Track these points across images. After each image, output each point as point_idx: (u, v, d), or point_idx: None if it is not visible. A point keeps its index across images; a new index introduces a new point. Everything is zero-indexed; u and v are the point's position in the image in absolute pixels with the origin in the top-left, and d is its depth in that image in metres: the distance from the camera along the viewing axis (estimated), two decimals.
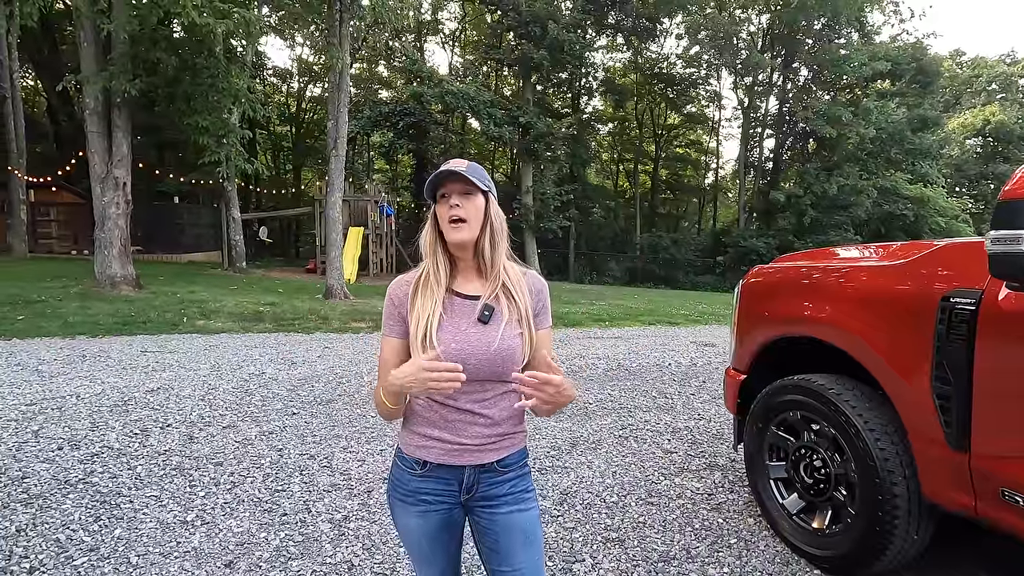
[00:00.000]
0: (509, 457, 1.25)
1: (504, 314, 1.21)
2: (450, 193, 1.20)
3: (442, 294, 1.21)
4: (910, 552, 1.98)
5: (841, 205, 22.66)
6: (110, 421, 3.62)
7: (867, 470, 1.99)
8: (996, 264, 1.32)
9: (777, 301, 2.54)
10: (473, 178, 1.18)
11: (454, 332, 1.19)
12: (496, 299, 1.22)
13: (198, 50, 8.15)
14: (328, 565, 2.17)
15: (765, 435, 2.52)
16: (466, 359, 1.15)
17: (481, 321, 1.20)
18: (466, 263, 1.26)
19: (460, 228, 1.18)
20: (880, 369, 1.97)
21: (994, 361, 1.61)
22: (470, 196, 1.20)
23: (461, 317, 1.21)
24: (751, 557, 2.31)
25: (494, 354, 1.18)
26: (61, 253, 17.29)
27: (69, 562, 2.13)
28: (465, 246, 1.21)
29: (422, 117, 21.19)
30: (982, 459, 1.65)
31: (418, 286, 1.23)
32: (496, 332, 1.19)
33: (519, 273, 1.28)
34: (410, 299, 1.23)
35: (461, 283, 1.26)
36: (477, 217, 1.20)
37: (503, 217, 1.27)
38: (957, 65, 36.99)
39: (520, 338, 1.21)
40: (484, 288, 1.24)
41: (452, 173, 1.18)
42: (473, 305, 1.22)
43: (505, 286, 1.23)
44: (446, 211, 1.19)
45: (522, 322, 1.23)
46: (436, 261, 1.23)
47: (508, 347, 1.19)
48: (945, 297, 1.73)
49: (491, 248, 1.23)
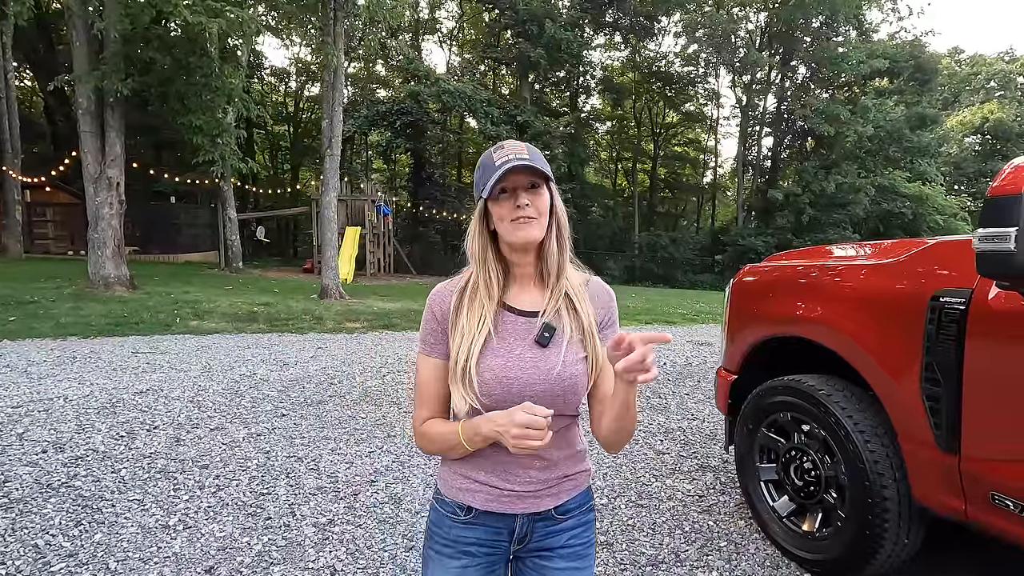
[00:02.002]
0: (570, 501, 1.06)
1: (566, 333, 1.02)
2: (516, 188, 0.98)
3: (493, 309, 1.01)
4: (901, 556, 1.95)
5: (839, 203, 22.65)
6: (97, 423, 3.58)
7: (857, 472, 1.96)
8: (983, 262, 1.29)
9: (767, 300, 2.50)
10: (542, 167, 0.98)
11: (506, 357, 0.99)
12: (557, 314, 1.02)
13: (191, 49, 8.11)
14: (311, 570, 2.14)
15: (756, 436, 2.48)
16: (521, 390, 0.97)
17: (539, 344, 1.00)
18: (524, 270, 1.05)
19: (530, 225, 0.98)
20: (869, 369, 1.93)
21: (984, 362, 1.57)
22: (537, 189, 1.00)
23: (515, 338, 1.01)
24: (740, 560, 2.28)
25: (554, 384, 0.99)
26: (57, 253, 17.25)
27: (47, 568, 2.09)
28: (531, 247, 1.02)
29: (419, 116, 21.14)
30: (972, 462, 1.61)
31: (463, 298, 1.03)
32: (557, 357, 1.00)
33: (582, 281, 1.08)
34: (454, 312, 1.03)
35: (516, 295, 1.06)
36: (544, 214, 1.00)
37: (566, 212, 1.07)
38: (956, 63, 36.96)
39: (584, 362, 1.02)
40: (543, 300, 1.04)
41: (519, 164, 0.96)
42: (530, 323, 1.02)
43: (568, 298, 1.04)
44: (510, 210, 0.98)
45: (586, 342, 1.03)
46: (488, 269, 1.03)
47: (571, 375, 1.00)
48: (935, 296, 1.69)
49: (558, 250, 1.03)
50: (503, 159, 0.97)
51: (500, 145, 1.01)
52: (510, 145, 1.00)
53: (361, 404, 4.23)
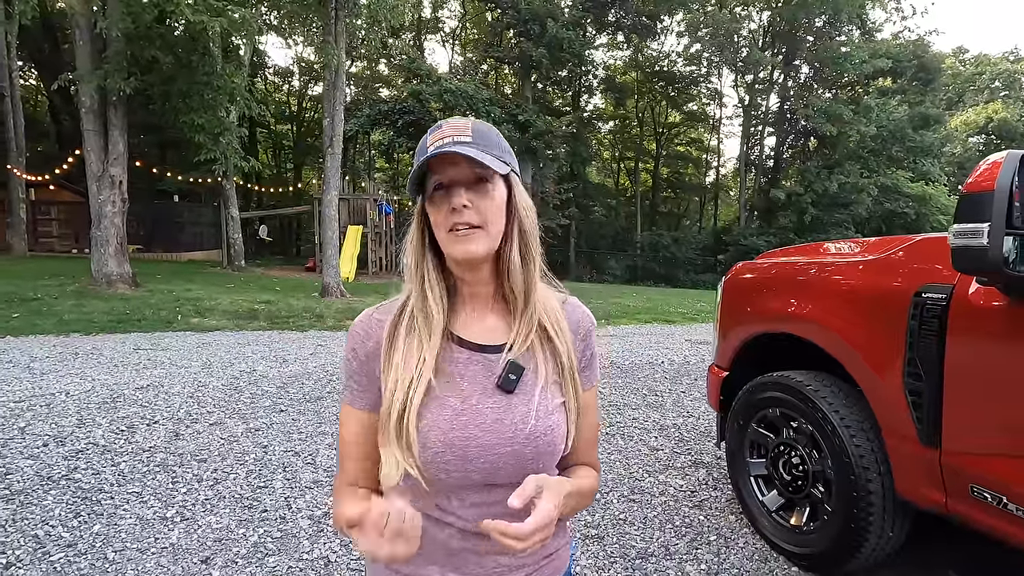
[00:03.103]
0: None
1: (540, 373, 0.77)
2: (451, 183, 0.73)
3: (437, 342, 0.75)
4: (885, 549, 1.97)
5: (842, 203, 22.62)
6: (97, 418, 3.62)
7: (843, 467, 1.98)
8: (958, 257, 1.31)
9: (757, 297, 2.53)
10: (487, 155, 0.72)
11: (457, 409, 0.73)
12: (529, 350, 0.77)
13: (193, 48, 8.17)
14: (305, 561, 2.17)
15: (746, 432, 2.50)
16: (480, 454, 0.72)
17: (503, 389, 0.75)
18: (475, 289, 0.79)
19: (471, 237, 0.72)
20: (854, 365, 1.96)
21: (964, 356, 1.60)
22: (484, 185, 0.73)
23: (468, 382, 0.75)
24: (729, 554, 2.30)
25: (524, 443, 0.73)
26: (62, 252, 17.35)
27: (46, 558, 2.13)
28: (477, 263, 0.76)
29: (421, 115, 21.18)
30: (952, 455, 1.63)
31: (397, 328, 0.77)
32: (528, 406, 0.75)
33: (557, 303, 0.83)
34: (384, 349, 0.77)
35: (467, 322, 0.79)
36: (498, 217, 0.74)
37: (534, 210, 0.81)
38: (960, 62, 36.85)
39: (562, 410, 0.78)
40: (506, 329, 0.79)
41: (453, 150, 0.71)
42: (488, 361, 0.77)
43: (542, 327, 0.79)
44: (445, 213, 0.73)
45: (564, 384, 0.79)
46: (426, 288, 0.77)
47: (547, 429, 0.75)
48: (917, 292, 1.71)
49: (522, 264, 0.77)
50: (437, 143, 0.72)
51: (439, 124, 0.75)
52: (450, 124, 0.75)
53: None
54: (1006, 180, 1.22)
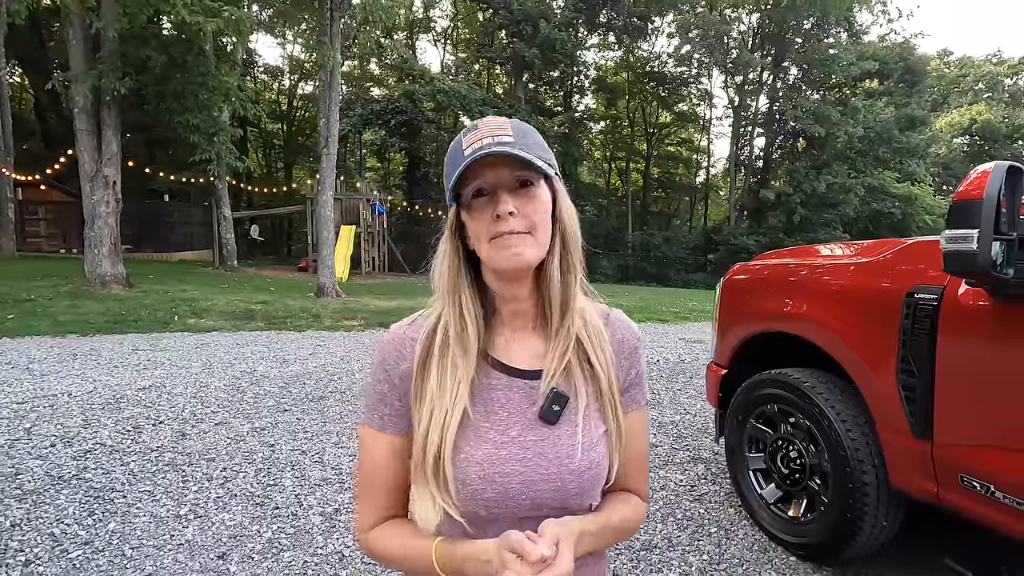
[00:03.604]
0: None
1: (580, 400, 0.71)
2: (494, 188, 0.67)
3: (472, 367, 0.70)
4: (879, 538, 2.06)
5: (830, 203, 22.92)
6: (102, 418, 3.65)
7: (839, 460, 2.07)
8: (949, 261, 1.41)
9: (755, 298, 2.62)
10: (530, 155, 0.66)
11: (495, 443, 0.69)
12: (566, 373, 0.72)
13: (188, 48, 8.15)
14: (320, 556, 2.23)
15: (745, 428, 2.59)
16: (521, 490, 0.68)
17: (546, 420, 0.70)
18: (516, 306, 0.73)
19: (520, 247, 0.66)
20: (850, 362, 2.05)
21: (954, 354, 1.69)
22: (529, 189, 0.68)
23: (508, 412, 0.71)
24: (730, 545, 2.39)
25: (569, 479, 0.69)
26: (50, 252, 17.16)
27: (64, 555, 2.17)
28: (524, 276, 0.70)
29: (414, 115, 21.21)
30: (944, 447, 1.73)
31: (430, 350, 0.72)
32: (572, 439, 0.70)
33: (599, 320, 0.77)
34: (416, 374, 0.72)
35: (506, 345, 0.74)
36: (545, 222, 0.69)
37: (577, 218, 0.75)
38: (945, 64, 37.43)
39: (606, 440, 0.73)
40: (545, 351, 0.73)
41: (497, 150, 0.65)
42: (529, 388, 0.72)
43: (581, 345, 0.73)
44: (488, 222, 0.67)
45: (606, 411, 0.73)
46: (462, 307, 0.71)
47: (592, 463, 0.70)
48: (910, 293, 1.80)
49: (563, 275, 0.71)
50: (475, 145, 0.66)
51: (474, 125, 0.69)
52: (487, 124, 0.68)
53: (361, 399, 4.32)
54: (994, 189, 1.31)
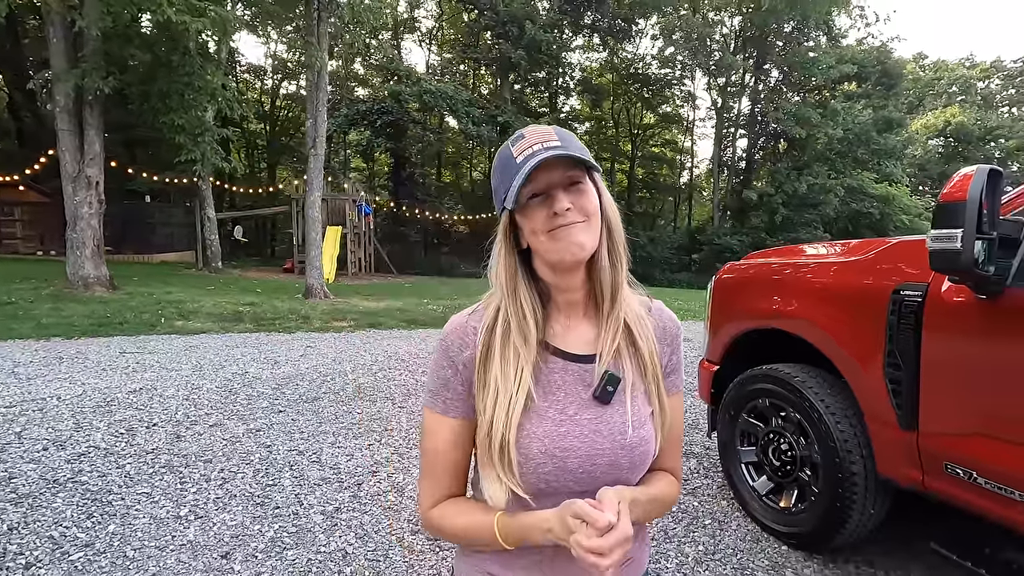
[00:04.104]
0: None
1: (628, 381, 0.79)
2: (550, 189, 0.74)
3: (532, 355, 0.77)
4: (868, 526, 2.15)
5: (811, 203, 23.33)
6: (94, 421, 3.62)
7: (828, 451, 2.15)
8: (935, 259, 1.49)
9: (746, 296, 2.70)
10: (579, 153, 0.74)
11: (558, 421, 0.76)
12: (616, 356, 0.79)
13: (173, 47, 8.05)
14: (323, 554, 2.25)
15: (737, 422, 2.67)
16: (579, 464, 0.75)
17: (600, 400, 0.77)
18: (571, 296, 0.80)
19: (578, 237, 0.73)
20: (840, 357, 2.13)
21: (938, 348, 1.77)
22: (580, 187, 0.75)
23: (565, 393, 0.78)
24: (724, 536, 2.46)
25: (621, 454, 0.76)
26: (27, 253, 16.81)
27: (65, 557, 2.17)
28: (579, 267, 0.77)
29: (400, 116, 21.13)
30: (928, 437, 1.81)
31: (492, 339, 0.78)
32: (624, 417, 0.77)
33: (643, 310, 0.84)
34: (480, 362, 0.78)
35: (563, 333, 0.81)
36: (596, 214, 0.76)
37: (618, 210, 0.82)
38: (920, 68, 38.32)
39: (652, 420, 0.80)
40: (597, 336, 0.80)
41: (551, 155, 0.72)
42: (584, 371, 0.79)
43: (628, 330, 0.80)
44: (545, 219, 0.74)
45: (651, 392, 0.81)
46: (521, 300, 0.77)
47: (641, 439, 0.78)
48: (896, 290, 1.89)
49: (611, 265, 0.79)
50: (526, 152, 0.73)
51: (519, 134, 0.76)
52: (533, 132, 0.75)
53: (356, 400, 4.33)
54: (976, 191, 1.39)
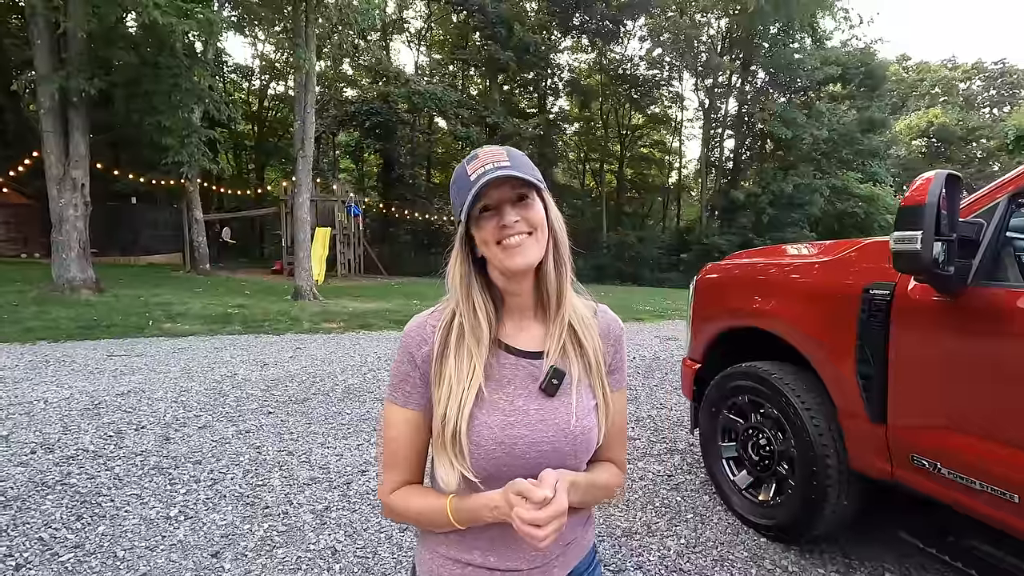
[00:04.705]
0: (579, 565, 0.93)
1: (574, 376, 0.86)
2: (500, 204, 0.82)
3: (484, 352, 0.84)
4: (841, 517, 2.22)
5: (797, 203, 23.63)
6: (82, 424, 3.62)
7: (804, 445, 2.23)
8: (897, 260, 1.56)
9: (726, 295, 2.77)
10: (527, 175, 0.81)
11: (506, 411, 0.83)
12: (563, 353, 0.87)
13: (159, 49, 8.01)
14: (313, 551, 2.29)
15: (718, 418, 2.74)
16: (526, 451, 0.82)
17: (546, 392, 0.85)
18: (520, 300, 0.88)
19: (524, 249, 0.81)
20: (813, 354, 2.20)
21: (905, 344, 1.85)
22: (527, 202, 0.83)
23: (515, 386, 0.85)
24: (705, 529, 2.53)
25: (566, 441, 0.83)
26: (10, 256, 16.60)
27: (55, 559, 2.18)
28: (527, 275, 0.85)
29: (389, 117, 21.12)
30: (896, 430, 1.89)
31: (448, 337, 0.85)
32: (568, 408, 0.84)
33: (588, 312, 0.93)
34: (438, 357, 0.85)
35: (513, 332, 0.89)
36: (541, 227, 0.84)
37: (563, 223, 0.90)
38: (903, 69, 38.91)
39: (596, 412, 0.88)
40: (545, 335, 0.88)
41: (500, 174, 0.79)
42: (532, 366, 0.86)
43: (573, 331, 0.88)
44: (494, 232, 0.81)
45: (595, 387, 0.89)
46: (474, 303, 0.85)
47: (585, 428, 0.85)
48: (865, 289, 1.97)
49: (556, 272, 0.87)
50: (479, 171, 0.80)
51: (474, 154, 0.84)
52: (486, 153, 0.83)
53: (345, 401, 4.36)
54: (934, 195, 1.46)
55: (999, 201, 1.67)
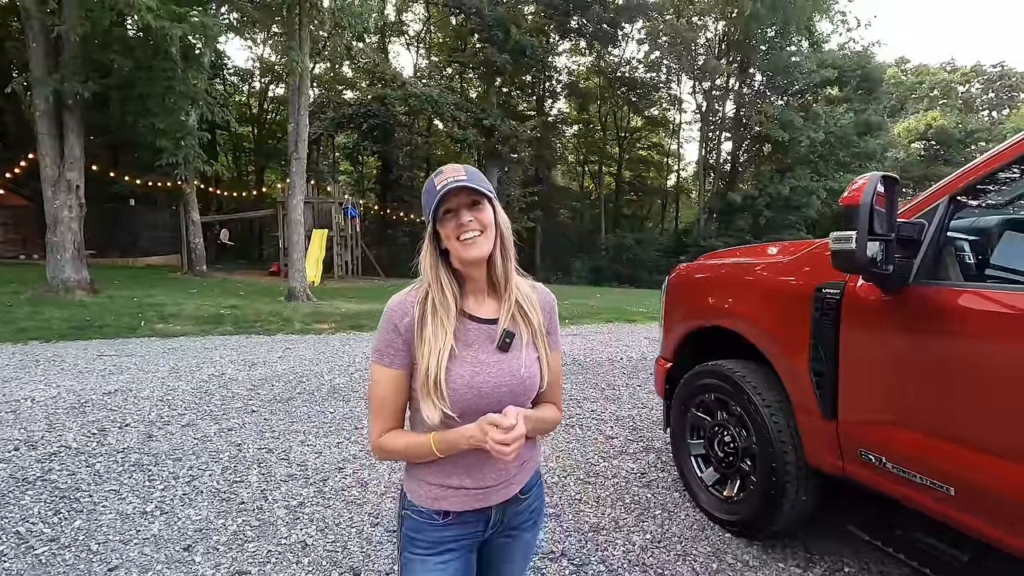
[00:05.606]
0: (530, 480, 1.22)
1: (522, 336, 1.14)
2: (458, 208, 1.07)
3: (453, 320, 1.09)
4: (800, 512, 2.27)
5: (794, 206, 23.66)
6: (67, 422, 3.67)
7: (764, 442, 2.27)
8: (835, 259, 1.61)
9: (691, 295, 2.82)
10: (479, 186, 1.07)
11: (473, 364, 1.09)
12: (512, 320, 1.14)
13: (154, 52, 8.07)
14: (283, 546, 2.33)
15: (687, 416, 2.79)
16: (490, 392, 1.08)
17: (501, 349, 1.11)
18: (477, 283, 1.15)
19: (477, 244, 1.07)
20: (772, 352, 2.25)
21: (853, 341, 1.90)
22: (479, 207, 1.09)
23: (478, 345, 1.11)
24: (672, 525, 2.58)
25: (518, 384, 1.11)
26: (8, 257, 16.67)
27: (30, 551, 2.23)
28: (480, 263, 1.11)
29: (387, 119, 21.19)
30: (846, 425, 1.93)
31: (424, 310, 1.10)
32: (519, 359, 1.12)
33: (529, 288, 1.20)
34: (418, 325, 1.09)
35: (473, 305, 1.15)
36: (490, 227, 1.09)
37: (509, 223, 1.17)
38: (902, 72, 38.90)
39: (539, 362, 1.16)
40: (498, 308, 1.15)
41: (457, 184, 1.05)
42: (489, 330, 1.13)
43: (519, 304, 1.15)
44: (454, 229, 1.07)
45: (538, 344, 1.17)
46: (442, 284, 1.11)
47: (532, 374, 1.13)
48: (818, 288, 2.01)
49: (503, 261, 1.14)
50: (443, 182, 1.06)
51: (440, 171, 1.10)
52: (448, 169, 1.10)
53: (329, 400, 4.40)
54: (868, 196, 1.51)
55: (940, 202, 1.72)
